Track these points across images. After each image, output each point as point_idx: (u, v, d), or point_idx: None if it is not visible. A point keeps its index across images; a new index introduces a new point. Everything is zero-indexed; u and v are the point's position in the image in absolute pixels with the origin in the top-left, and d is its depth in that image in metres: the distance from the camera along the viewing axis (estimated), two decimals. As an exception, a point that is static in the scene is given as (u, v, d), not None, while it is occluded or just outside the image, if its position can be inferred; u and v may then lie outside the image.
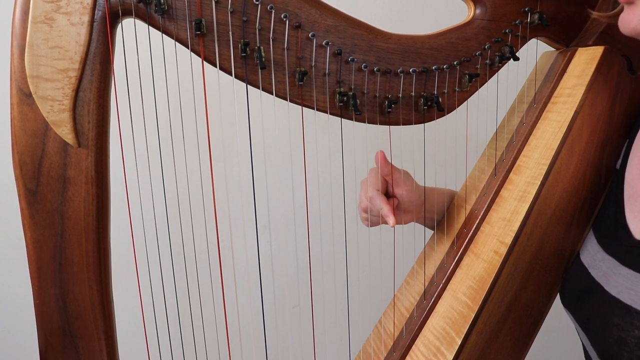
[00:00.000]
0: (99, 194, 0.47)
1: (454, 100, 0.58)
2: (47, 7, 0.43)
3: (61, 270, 0.48)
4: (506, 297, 0.56)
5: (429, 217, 0.71)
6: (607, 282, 0.50)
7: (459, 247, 0.61)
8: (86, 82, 0.45)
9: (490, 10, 0.57)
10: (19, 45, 0.44)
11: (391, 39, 0.54)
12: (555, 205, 0.56)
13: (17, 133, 0.45)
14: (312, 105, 0.53)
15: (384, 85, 0.55)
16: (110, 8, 0.45)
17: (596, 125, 0.58)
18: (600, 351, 0.49)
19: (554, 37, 0.62)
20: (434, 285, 0.62)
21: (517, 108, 0.68)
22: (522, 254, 0.56)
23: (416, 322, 0.60)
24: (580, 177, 0.57)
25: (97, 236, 0.48)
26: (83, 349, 0.50)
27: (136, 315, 0.56)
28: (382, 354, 0.63)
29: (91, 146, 0.46)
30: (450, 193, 0.72)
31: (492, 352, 0.56)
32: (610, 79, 0.58)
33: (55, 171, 0.46)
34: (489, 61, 0.58)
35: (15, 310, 1.15)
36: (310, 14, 0.51)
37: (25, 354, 1.16)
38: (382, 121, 0.56)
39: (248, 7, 0.48)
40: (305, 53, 0.52)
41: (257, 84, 0.51)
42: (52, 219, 0.47)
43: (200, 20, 0.47)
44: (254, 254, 1.13)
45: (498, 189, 0.61)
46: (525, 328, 0.57)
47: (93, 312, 0.49)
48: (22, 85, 0.44)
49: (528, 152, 0.61)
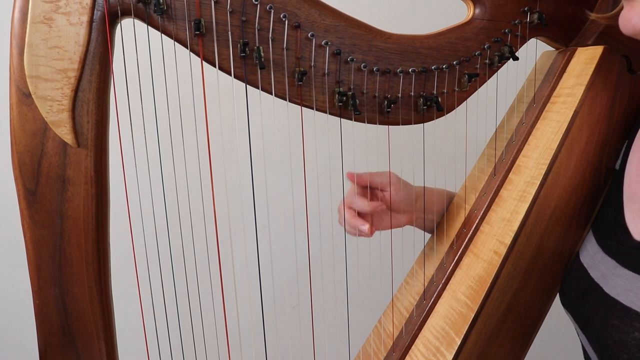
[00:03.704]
0: (98, 194, 0.47)
1: (454, 100, 0.58)
2: (46, 7, 0.43)
3: (61, 271, 0.48)
4: (506, 297, 0.56)
5: (428, 217, 0.71)
6: (606, 283, 0.50)
7: (459, 247, 0.61)
8: (85, 82, 0.45)
9: (490, 10, 0.57)
10: (18, 45, 0.44)
11: (390, 38, 0.54)
12: (555, 205, 0.56)
13: (16, 133, 0.45)
14: (312, 105, 0.53)
15: (384, 85, 0.55)
16: (109, 8, 0.45)
17: (596, 125, 0.57)
18: (600, 352, 0.49)
19: (553, 36, 0.62)
20: (433, 285, 0.62)
21: (517, 108, 0.68)
22: (521, 254, 0.56)
23: (416, 322, 0.60)
24: (579, 177, 0.57)
25: (97, 236, 0.48)
26: (83, 349, 0.50)
27: (136, 315, 0.56)
28: (382, 354, 0.63)
29: (90, 146, 0.46)
30: (449, 194, 0.72)
31: (491, 352, 0.56)
32: (609, 79, 0.58)
33: (55, 171, 0.46)
34: (489, 61, 0.58)
35: (15, 310, 1.15)
36: (310, 13, 0.51)
37: (25, 354, 1.16)
38: (381, 121, 0.56)
39: (247, 7, 0.48)
40: (305, 53, 0.52)
41: (257, 84, 0.51)
42: (51, 219, 0.47)
43: (199, 20, 0.47)
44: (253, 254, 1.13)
45: (498, 189, 0.61)
46: (524, 328, 0.57)
47: (93, 312, 0.49)
48: (21, 86, 0.44)
49: (527, 152, 0.61)
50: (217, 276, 0.54)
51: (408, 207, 0.68)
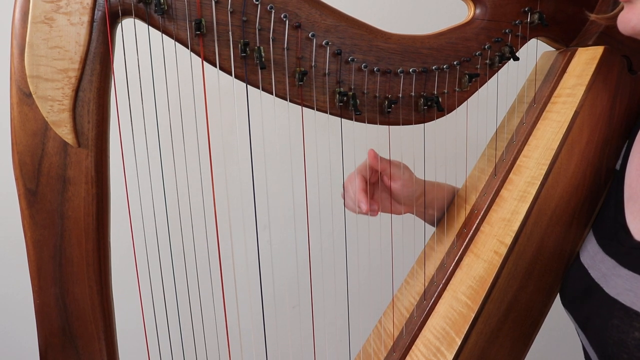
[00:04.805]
0: (98, 194, 0.47)
1: (454, 100, 0.58)
2: (47, 7, 0.43)
3: (61, 270, 0.48)
4: (506, 297, 0.56)
5: (428, 212, 0.71)
6: (606, 283, 0.50)
7: (459, 247, 0.61)
8: (86, 82, 0.45)
9: (490, 10, 0.57)
10: (18, 45, 0.44)
11: (391, 39, 0.54)
12: (555, 205, 0.56)
13: (17, 133, 0.45)
14: (312, 105, 0.53)
15: (384, 85, 0.55)
16: (110, 8, 0.45)
17: (596, 126, 0.57)
18: (600, 352, 0.49)
19: (553, 37, 0.62)
20: (434, 285, 0.62)
21: (517, 108, 0.68)
22: (522, 254, 0.56)
23: (416, 322, 0.60)
24: (580, 177, 0.57)
25: (97, 236, 0.48)
26: (83, 349, 0.50)
27: (136, 315, 0.56)
28: (382, 354, 0.63)
29: (91, 146, 0.46)
30: (452, 189, 0.72)
31: (492, 352, 0.56)
32: (610, 79, 0.58)
33: (55, 171, 0.46)
34: (489, 61, 0.58)
35: (15, 310, 1.15)
36: (310, 13, 0.51)
37: (25, 354, 1.16)
38: (382, 121, 0.56)
39: (248, 7, 0.48)
40: (305, 53, 0.52)
41: (257, 84, 0.51)
42: (52, 219, 0.47)
43: (200, 20, 0.47)
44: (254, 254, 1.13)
45: (498, 189, 0.61)
46: (525, 328, 0.57)
47: (93, 311, 0.49)
48: (22, 85, 0.44)
49: (528, 152, 0.61)
50: (218, 276, 0.54)
51: (409, 202, 0.68)
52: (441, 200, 0.71)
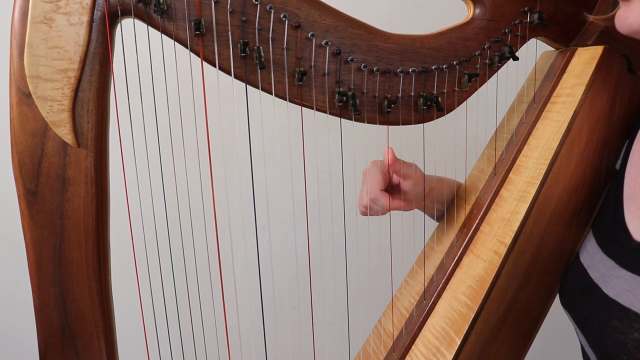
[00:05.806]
0: (98, 194, 0.47)
1: (454, 100, 0.58)
2: (46, 7, 0.43)
3: (61, 271, 0.48)
4: (506, 297, 0.56)
5: (435, 207, 0.71)
6: (605, 283, 0.50)
7: (459, 247, 0.61)
8: (85, 82, 0.45)
9: (490, 10, 0.57)
10: (18, 45, 0.44)
11: (390, 38, 0.54)
12: (555, 205, 0.56)
13: (16, 133, 0.45)
14: (312, 105, 0.53)
15: (384, 85, 0.55)
16: (109, 8, 0.45)
17: (596, 125, 0.58)
18: (599, 353, 0.49)
19: (553, 36, 0.62)
20: (433, 285, 0.62)
21: (517, 108, 0.68)
22: (521, 254, 0.56)
23: (416, 322, 0.60)
24: (579, 177, 0.57)
25: (97, 236, 0.48)
26: (82, 349, 0.50)
27: (136, 315, 0.56)
28: (382, 354, 0.63)
29: (90, 146, 0.46)
30: (458, 185, 0.73)
31: (491, 352, 0.56)
32: (609, 79, 0.58)
33: (55, 171, 0.46)
34: (489, 61, 0.58)
35: (15, 310, 1.15)
36: (310, 13, 0.51)
37: (25, 354, 1.16)
38: (381, 121, 0.56)
39: (247, 7, 0.48)
40: (305, 53, 0.52)
41: (257, 84, 0.51)
42: (51, 219, 0.47)
43: (199, 20, 0.47)
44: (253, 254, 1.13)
45: (498, 189, 0.61)
46: (524, 328, 0.57)
47: (92, 312, 0.49)
48: (21, 86, 0.44)
49: (528, 152, 0.61)
50: (217, 276, 0.54)
51: (416, 199, 0.68)
52: (450, 195, 0.71)
